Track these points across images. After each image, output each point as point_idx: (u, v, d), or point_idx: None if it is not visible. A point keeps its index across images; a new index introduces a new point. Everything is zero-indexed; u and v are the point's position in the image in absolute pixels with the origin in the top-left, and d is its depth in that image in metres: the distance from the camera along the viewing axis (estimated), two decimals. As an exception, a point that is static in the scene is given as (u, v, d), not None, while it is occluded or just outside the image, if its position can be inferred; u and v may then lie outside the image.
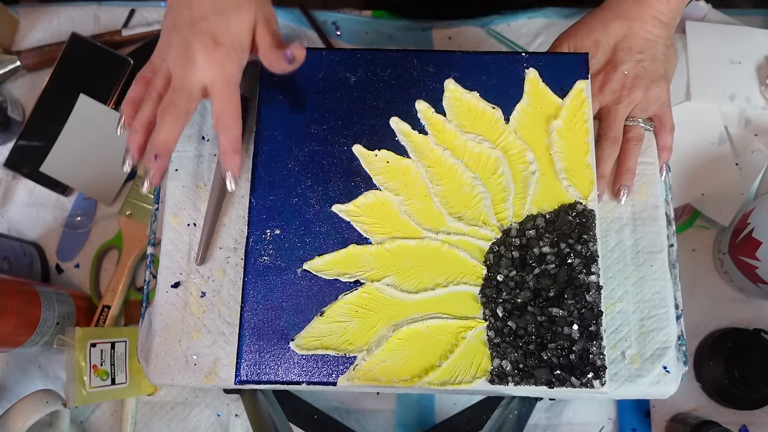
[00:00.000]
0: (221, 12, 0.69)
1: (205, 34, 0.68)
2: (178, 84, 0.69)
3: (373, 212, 0.73)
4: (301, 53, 0.71)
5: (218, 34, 0.69)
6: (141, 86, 0.72)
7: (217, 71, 0.69)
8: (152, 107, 0.70)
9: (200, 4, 0.69)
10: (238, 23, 0.70)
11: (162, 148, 0.68)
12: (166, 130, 0.68)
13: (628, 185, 0.76)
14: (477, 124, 0.75)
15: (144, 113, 0.70)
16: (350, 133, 0.75)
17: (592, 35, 0.81)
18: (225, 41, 0.69)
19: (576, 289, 0.69)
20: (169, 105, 0.68)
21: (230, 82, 0.70)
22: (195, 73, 0.69)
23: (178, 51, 0.69)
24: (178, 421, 0.96)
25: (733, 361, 0.90)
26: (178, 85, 0.69)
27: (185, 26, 0.69)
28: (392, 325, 0.69)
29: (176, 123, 0.68)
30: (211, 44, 0.68)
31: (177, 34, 0.69)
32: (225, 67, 0.69)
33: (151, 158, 0.68)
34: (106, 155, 1.06)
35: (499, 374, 0.68)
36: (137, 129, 0.70)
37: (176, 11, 0.71)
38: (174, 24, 0.70)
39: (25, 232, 1.06)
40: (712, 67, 1.00)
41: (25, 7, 1.16)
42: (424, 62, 0.76)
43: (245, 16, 0.71)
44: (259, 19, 0.72)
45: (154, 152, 0.68)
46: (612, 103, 0.79)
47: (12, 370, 1.00)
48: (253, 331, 0.70)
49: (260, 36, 0.72)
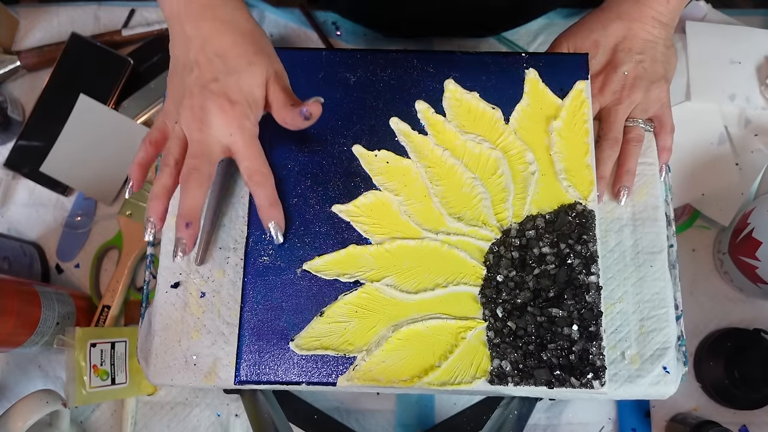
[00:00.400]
0: (233, 72, 0.69)
1: (218, 95, 0.67)
2: (197, 149, 0.68)
3: (372, 212, 0.73)
4: (317, 110, 0.70)
5: (231, 94, 0.68)
6: (150, 149, 0.73)
7: (237, 131, 0.68)
8: (171, 174, 0.70)
9: (209, 66, 0.69)
10: (250, 81, 0.69)
11: (191, 215, 0.67)
12: (193, 197, 0.67)
13: (628, 186, 0.76)
14: (477, 124, 0.75)
15: (162, 181, 0.70)
16: (350, 134, 0.75)
17: (592, 36, 0.81)
18: (239, 99, 0.68)
19: (576, 289, 0.69)
20: (193, 171, 0.67)
21: (252, 139, 0.70)
22: (213, 134, 0.68)
23: (191, 114, 0.68)
24: (178, 421, 0.96)
25: (733, 361, 0.90)
26: (197, 150, 0.68)
27: (196, 89, 0.68)
28: (392, 326, 0.69)
29: (201, 189, 0.68)
30: (226, 104, 0.67)
31: (188, 99, 0.68)
32: (243, 126, 0.69)
33: (182, 227, 0.67)
34: (106, 155, 1.06)
35: (498, 374, 0.68)
36: (157, 197, 0.69)
37: (181, 76, 0.70)
38: (182, 88, 0.70)
39: (25, 232, 1.06)
40: (712, 67, 1.00)
41: (25, 7, 1.16)
42: (424, 62, 0.76)
43: (258, 72, 0.70)
44: (271, 75, 0.71)
45: (184, 221, 0.67)
46: (612, 104, 0.79)
47: (12, 370, 1.00)
48: (252, 332, 0.70)
49: (273, 92, 0.71)
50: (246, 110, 0.69)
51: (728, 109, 0.99)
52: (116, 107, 1.08)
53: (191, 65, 0.69)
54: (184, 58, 0.71)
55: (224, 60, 0.69)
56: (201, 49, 0.69)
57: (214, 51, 0.69)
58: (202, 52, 0.69)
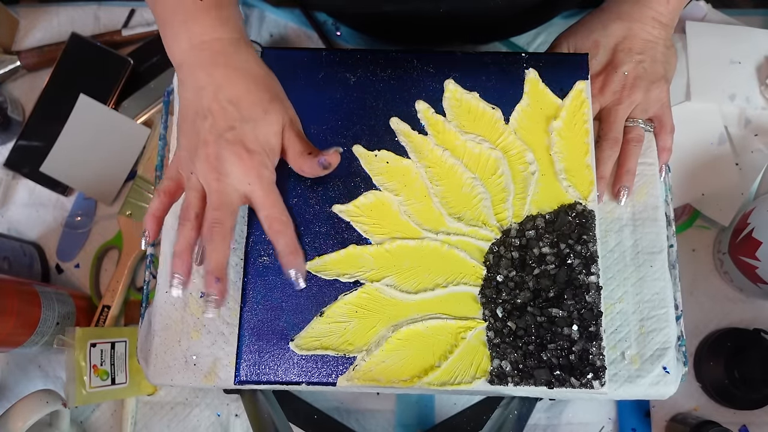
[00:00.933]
0: (248, 120, 0.68)
1: (235, 144, 0.67)
2: (217, 200, 0.68)
3: (372, 212, 0.73)
4: (336, 160, 0.71)
5: (248, 142, 0.68)
6: (165, 199, 0.72)
7: (255, 180, 0.68)
8: (193, 227, 0.69)
9: (224, 114, 0.68)
10: (266, 129, 0.69)
11: (219, 271, 0.67)
12: (218, 251, 0.67)
13: (628, 186, 0.76)
14: (477, 124, 0.75)
15: (184, 235, 0.69)
16: (350, 134, 0.75)
17: (592, 36, 0.81)
18: (256, 148, 0.68)
19: (576, 289, 0.69)
20: (215, 225, 0.67)
21: (271, 187, 0.69)
22: (231, 184, 0.68)
23: (208, 164, 0.67)
24: (178, 421, 0.96)
25: (733, 361, 0.90)
26: (216, 201, 0.68)
27: (211, 138, 0.67)
28: (392, 326, 0.69)
29: (225, 242, 0.67)
30: (244, 153, 0.67)
31: (203, 148, 0.68)
32: (262, 174, 0.68)
33: (212, 283, 0.66)
34: (106, 155, 1.06)
35: (498, 375, 0.68)
36: (182, 253, 0.68)
37: (193, 123, 0.69)
38: (197, 136, 0.69)
39: (25, 232, 1.06)
40: (712, 67, 0.99)
41: (25, 7, 1.16)
42: (424, 63, 0.76)
43: (274, 120, 0.70)
44: (286, 123, 0.71)
45: (213, 277, 0.66)
46: (612, 104, 0.79)
47: (12, 370, 1.00)
48: (252, 332, 0.70)
49: (288, 140, 0.71)
50: (264, 159, 0.69)
51: (728, 109, 0.99)
52: (116, 107, 1.08)
53: (204, 113, 0.68)
54: (196, 105, 0.69)
55: (239, 108, 0.68)
56: (214, 97, 0.68)
57: (228, 99, 0.68)
58: (215, 100, 0.68)
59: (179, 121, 0.72)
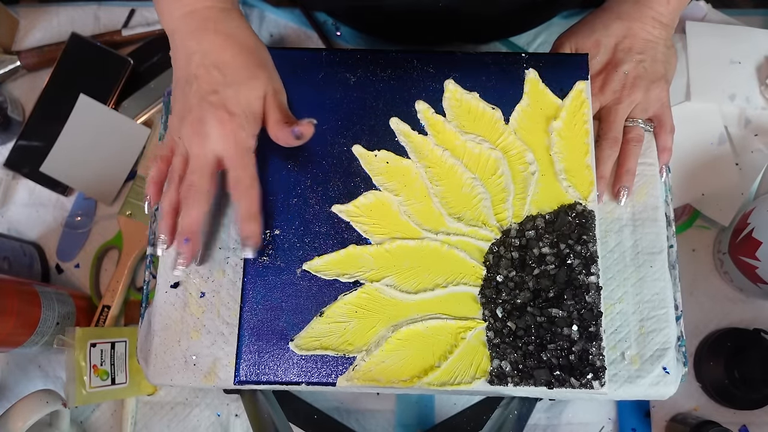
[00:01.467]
0: (232, 84, 0.70)
1: (218, 108, 0.69)
2: (194, 164, 0.70)
3: (372, 213, 0.73)
4: (309, 130, 0.71)
5: (230, 105, 0.69)
6: (162, 166, 0.74)
7: (231, 141, 0.69)
8: (176, 190, 0.71)
9: (210, 78, 0.70)
10: (249, 93, 0.70)
11: (190, 231, 0.69)
12: (191, 213, 0.69)
13: (627, 186, 0.76)
14: (477, 124, 0.75)
15: (168, 197, 0.71)
16: (350, 134, 0.75)
17: (593, 35, 0.81)
18: (237, 111, 0.69)
19: (575, 289, 0.69)
20: (190, 188, 0.69)
21: (244, 151, 0.70)
22: (209, 147, 0.69)
23: (191, 127, 0.70)
24: (178, 421, 0.96)
25: (733, 361, 0.90)
26: (195, 165, 0.70)
27: (195, 102, 0.69)
28: (392, 326, 0.69)
29: (200, 205, 0.70)
30: (225, 116, 0.69)
31: (188, 113, 0.70)
32: (238, 136, 0.69)
33: (181, 242, 0.69)
34: (106, 155, 1.05)
35: (498, 375, 0.68)
36: (165, 214, 0.71)
37: (182, 89, 0.71)
38: (184, 102, 0.71)
39: (25, 232, 1.06)
40: (712, 67, 0.99)
41: (25, 7, 1.16)
42: (424, 63, 0.76)
43: (257, 86, 0.71)
44: (269, 91, 0.72)
45: (183, 237, 0.69)
46: (612, 103, 0.79)
47: (12, 370, 1.00)
48: (252, 332, 0.70)
49: (269, 108, 0.72)
50: (242, 122, 0.70)
51: (728, 109, 0.99)
52: (116, 107, 1.08)
53: (191, 78, 0.70)
54: (185, 71, 0.71)
55: (223, 72, 0.70)
56: (201, 62, 0.70)
57: (214, 63, 0.70)
58: (202, 65, 0.70)
59: (172, 88, 0.74)
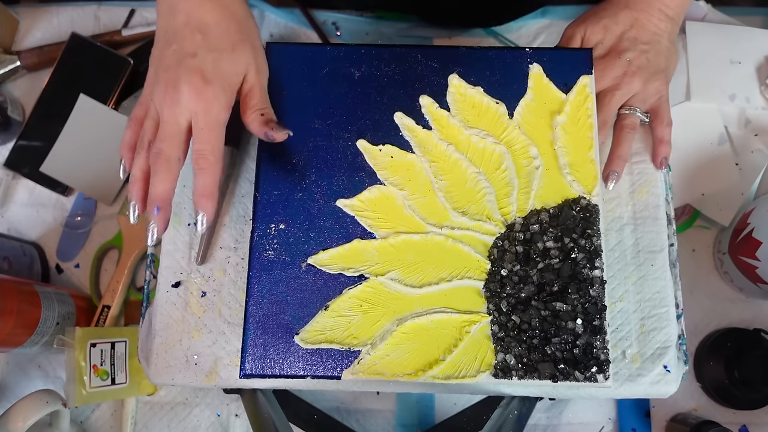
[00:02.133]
0: (213, 50, 0.67)
1: (194, 72, 0.66)
2: (164, 131, 0.67)
3: (377, 207, 0.73)
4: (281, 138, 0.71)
5: (207, 72, 0.66)
6: (134, 128, 0.70)
7: (202, 111, 0.66)
8: (146, 157, 0.68)
9: (191, 41, 0.67)
10: (229, 64, 0.68)
11: (161, 200, 0.66)
12: (161, 182, 0.66)
13: (617, 171, 0.77)
14: (481, 119, 0.75)
15: (138, 163, 0.68)
16: (354, 128, 0.75)
17: (602, 21, 0.81)
18: (213, 80, 0.67)
19: (580, 283, 0.69)
20: (159, 156, 0.66)
21: (215, 124, 0.67)
22: (181, 113, 0.66)
23: (164, 90, 0.67)
24: (178, 421, 0.96)
25: (733, 361, 0.90)
26: (165, 132, 0.67)
27: (172, 64, 0.67)
28: (396, 320, 0.69)
29: (170, 173, 0.66)
30: (199, 82, 0.66)
31: (163, 73, 0.67)
32: (211, 107, 0.67)
33: (152, 211, 0.66)
34: (106, 155, 1.05)
35: (503, 368, 0.68)
36: (136, 181, 0.68)
37: (162, 49, 0.69)
38: (161, 61, 0.68)
39: (25, 232, 1.06)
40: (712, 67, 1.00)
41: (25, 7, 1.16)
42: (428, 57, 0.77)
43: (239, 59, 0.69)
44: (251, 68, 0.71)
45: (154, 206, 0.66)
46: (610, 88, 0.79)
47: (12, 370, 0.99)
48: (258, 325, 0.70)
49: (249, 88, 0.71)
50: (218, 92, 0.67)
51: (728, 109, 0.99)
52: (116, 107, 1.08)
53: (171, 39, 0.68)
54: (166, 30, 0.69)
55: (206, 37, 0.68)
56: (186, 23, 0.68)
57: (197, 26, 0.68)
58: (186, 26, 0.68)
59: (152, 51, 0.71)
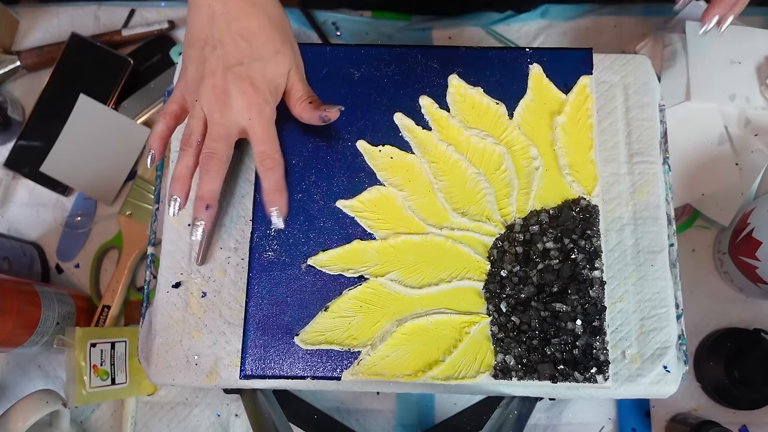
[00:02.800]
0: (259, 59, 0.70)
1: (243, 80, 0.69)
2: (216, 132, 0.69)
3: (377, 208, 0.73)
4: (335, 116, 0.72)
5: (255, 80, 0.69)
6: (170, 122, 0.73)
7: (256, 115, 0.69)
8: (193, 154, 0.71)
9: (235, 48, 0.69)
10: (274, 70, 0.71)
11: (211, 198, 0.70)
12: (212, 180, 0.70)
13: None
14: (481, 119, 0.75)
15: (185, 161, 0.71)
16: (354, 129, 0.75)
17: None
18: (262, 86, 0.70)
19: (579, 284, 0.69)
20: (212, 156, 0.69)
21: (269, 125, 0.71)
22: (233, 117, 0.69)
23: (213, 95, 0.69)
24: (178, 421, 0.96)
25: (733, 361, 0.90)
26: (216, 133, 0.69)
27: (219, 70, 0.69)
28: (396, 321, 0.69)
29: (220, 172, 0.70)
30: (249, 88, 0.69)
31: (211, 78, 0.69)
32: (263, 111, 0.70)
33: (202, 209, 0.69)
34: (106, 155, 1.05)
35: (502, 369, 0.68)
36: (182, 178, 0.71)
37: (202, 51, 0.70)
38: (203, 64, 0.70)
39: (25, 232, 1.06)
40: (712, 67, 1.00)
41: (25, 7, 1.16)
42: (428, 58, 0.77)
43: (283, 62, 0.71)
44: (293, 67, 0.73)
45: (204, 203, 0.69)
46: None
47: (12, 370, 0.99)
48: (257, 326, 0.70)
49: (292, 83, 0.73)
50: (267, 96, 0.70)
51: (728, 109, 0.99)
52: (116, 107, 1.08)
53: (215, 43, 0.69)
54: (206, 32, 0.70)
55: (251, 44, 0.69)
56: (227, 28, 0.69)
57: (241, 33, 0.69)
58: (227, 31, 0.69)
59: (186, 45, 0.72)
